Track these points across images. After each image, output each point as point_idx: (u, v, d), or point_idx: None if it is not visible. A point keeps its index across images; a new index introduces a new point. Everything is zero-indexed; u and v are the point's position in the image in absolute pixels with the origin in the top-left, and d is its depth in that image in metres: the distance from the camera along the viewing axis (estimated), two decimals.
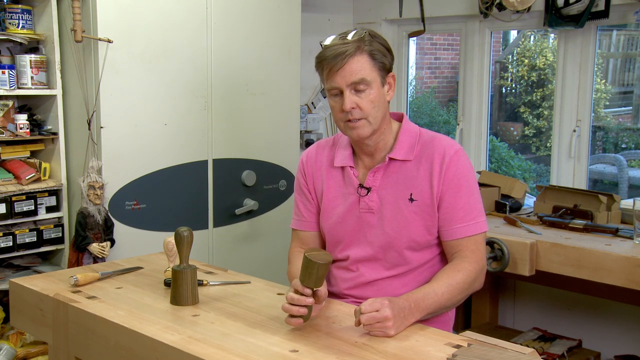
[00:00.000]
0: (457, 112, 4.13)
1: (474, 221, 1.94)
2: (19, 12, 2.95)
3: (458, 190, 1.94)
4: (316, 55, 1.97)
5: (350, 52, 1.88)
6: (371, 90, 1.91)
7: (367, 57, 1.90)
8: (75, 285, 2.05)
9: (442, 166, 1.94)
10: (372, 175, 2.01)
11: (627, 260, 2.62)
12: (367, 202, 2.00)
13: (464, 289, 1.90)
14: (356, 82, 1.89)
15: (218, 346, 1.62)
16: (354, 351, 1.60)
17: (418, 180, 1.96)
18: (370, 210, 2.00)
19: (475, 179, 2.00)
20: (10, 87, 2.90)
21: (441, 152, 1.96)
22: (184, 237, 1.90)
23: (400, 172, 1.99)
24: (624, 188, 4.68)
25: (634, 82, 5.10)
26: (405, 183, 1.98)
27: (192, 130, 3.23)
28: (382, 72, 1.93)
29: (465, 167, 1.96)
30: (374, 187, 2.00)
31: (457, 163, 1.95)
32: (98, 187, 2.89)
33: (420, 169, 1.97)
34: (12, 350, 2.85)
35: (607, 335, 3.40)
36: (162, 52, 3.09)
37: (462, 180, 1.95)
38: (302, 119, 4.08)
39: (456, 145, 1.99)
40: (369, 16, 4.30)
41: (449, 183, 1.94)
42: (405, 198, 1.96)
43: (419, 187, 1.96)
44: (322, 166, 2.11)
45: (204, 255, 3.31)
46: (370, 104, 1.91)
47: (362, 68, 1.89)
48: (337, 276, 2.09)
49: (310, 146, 2.20)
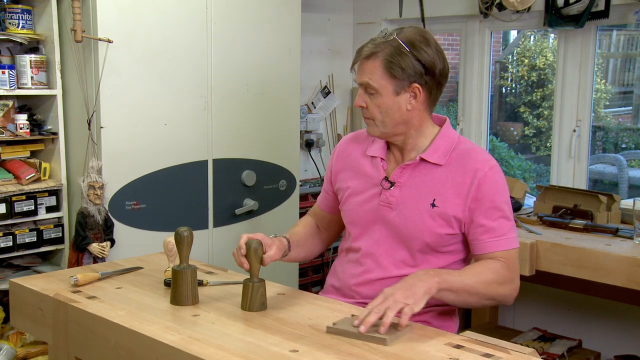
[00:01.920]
0: (457, 112, 4.13)
1: (506, 237, 1.93)
2: (19, 12, 2.95)
3: (491, 207, 1.92)
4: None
5: (365, 55, 1.91)
6: (379, 96, 1.91)
7: (379, 64, 1.89)
8: (75, 285, 2.05)
9: (474, 181, 1.92)
10: (399, 170, 2.00)
11: (627, 260, 2.62)
12: (388, 197, 1.99)
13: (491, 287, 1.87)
14: (363, 85, 1.93)
15: (218, 346, 1.62)
16: (354, 351, 1.59)
17: (445, 187, 1.94)
18: (389, 205, 1.99)
19: (508, 196, 1.98)
20: (10, 87, 2.90)
21: (474, 166, 1.93)
22: (184, 237, 1.90)
23: (428, 174, 1.97)
24: (624, 188, 4.67)
25: (634, 82, 5.10)
26: (431, 187, 1.96)
27: (192, 130, 3.23)
28: (397, 82, 1.89)
29: (500, 185, 1.95)
30: (398, 183, 1.99)
31: (492, 180, 1.93)
32: (98, 187, 2.89)
33: (450, 177, 1.95)
34: (12, 350, 2.85)
35: (607, 335, 3.40)
36: (162, 52, 3.09)
37: (495, 197, 1.92)
38: (302, 119, 4.08)
39: (492, 160, 1.96)
40: (369, 16, 4.30)
41: (482, 200, 1.92)
42: (428, 202, 1.94)
43: (444, 194, 1.94)
44: (353, 156, 2.12)
45: (204, 255, 3.31)
46: (377, 109, 1.93)
47: (371, 74, 1.90)
48: (346, 271, 2.09)
49: (347, 135, 2.22)
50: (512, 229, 1.95)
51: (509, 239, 1.94)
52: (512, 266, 1.93)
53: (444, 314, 2.03)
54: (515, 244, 1.95)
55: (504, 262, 1.92)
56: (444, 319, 2.02)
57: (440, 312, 2.01)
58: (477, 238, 1.94)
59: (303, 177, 4.14)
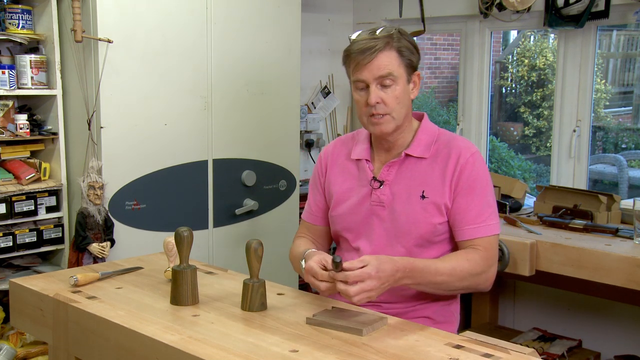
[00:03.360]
0: (457, 112, 4.13)
1: (485, 223, 1.96)
2: (19, 12, 2.95)
3: (470, 192, 1.96)
4: (344, 49, 2.01)
5: (380, 47, 1.92)
6: (397, 86, 1.94)
7: (395, 53, 1.94)
8: (75, 285, 2.05)
9: (457, 167, 1.97)
10: (386, 169, 2.04)
11: (627, 260, 2.62)
12: (379, 196, 2.02)
13: (465, 278, 1.91)
14: (383, 76, 1.93)
15: (218, 346, 1.62)
16: (354, 351, 1.60)
17: (432, 178, 1.99)
18: (381, 204, 2.02)
19: (490, 183, 2.02)
20: (10, 87, 2.90)
21: (457, 153, 1.98)
22: (184, 237, 1.90)
23: (415, 168, 2.01)
24: (624, 188, 4.68)
25: (634, 82, 5.10)
26: (418, 180, 2.00)
27: (192, 130, 3.23)
28: (408, 70, 1.97)
29: (481, 170, 1.98)
30: (387, 181, 2.02)
31: (472, 165, 1.97)
32: (98, 187, 2.89)
33: (435, 167, 1.99)
34: (12, 350, 2.85)
35: (607, 335, 3.40)
36: (162, 52, 3.09)
37: (476, 182, 1.97)
38: (302, 119, 4.08)
39: (473, 147, 2.01)
40: (369, 16, 4.30)
41: (463, 185, 1.96)
42: (417, 194, 1.98)
43: (431, 184, 1.98)
44: (338, 160, 2.15)
45: (204, 255, 3.31)
46: (395, 100, 1.95)
47: (390, 63, 1.93)
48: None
49: (331, 141, 2.25)
50: (492, 215, 1.98)
51: (488, 225, 1.96)
52: (489, 255, 1.96)
53: (445, 306, 2.05)
54: (494, 231, 1.98)
55: (482, 251, 1.94)
56: (444, 313, 2.05)
57: (441, 305, 2.04)
58: (456, 224, 1.98)
59: (303, 177, 4.14)
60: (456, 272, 1.89)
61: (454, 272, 1.89)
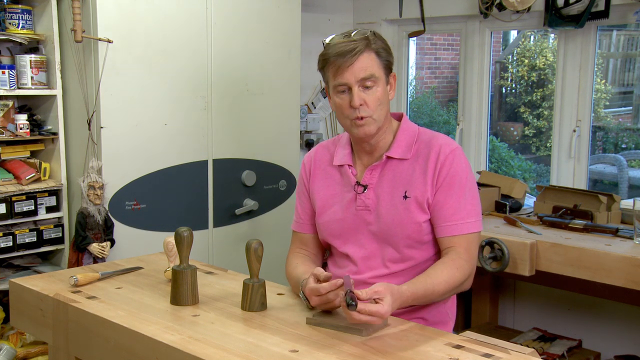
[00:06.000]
0: (457, 112, 4.13)
1: (463, 221, 1.95)
2: (19, 12, 2.95)
3: (449, 188, 1.95)
4: (320, 53, 2.00)
5: (360, 49, 1.91)
6: (378, 88, 1.94)
7: (374, 54, 1.93)
8: (75, 285, 2.05)
9: (437, 163, 1.96)
10: (369, 173, 2.03)
11: (627, 260, 2.62)
12: (364, 200, 2.02)
13: (457, 287, 1.94)
14: (365, 78, 1.92)
15: (218, 346, 1.62)
16: (354, 351, 1.60)
17: (414, 178, 1.98)
18: (366, 208, 2.01)
19: (472, 179, 2.01)
20: (10, 87, 2.90)
21: (437, 150, 1.98)
22: (184, 237, 1.90)
23: (397, 170, 2.01)
24: (624, 188, 4.68)
25: (634, 82, 5.10)
26: (401, 181, 1.99)
27: (192, 130, 3.23)
28: (386, 71, 1.97)
29: (460, 167, 1.97)
30: (370, 185, 2.02)
31: (452, 162, 1.96)
32: (98, 187, 2.89)
33: (417, 167, 1.99)
34: (12, 350, 2.85)
35: (607, 335, 3.40)
36: (162, 52, 3.09)
37: (454, 178, 1.96)
38: (302, 119, 4.08)
39: (453, 144, 2.00)
40: (369, 16, 4.30)
41: (442, 181, 1.96)
42: (400, 195, 1.98)
43: (413, 184, 1.98)
44: (321, 166, 2.14)
45: (204, 255, 3.31)
46: (377, 102, 1.94)
47: (371, 65, 1.92)
48: (337, 276, 2.09)
49: (313, 147, 2.23)
50: (471, 213, 1.97)
51: (466, 223, 1.95)
52: (471, 256, 1.96)
53: (439, 306, 2.05)
54: (475, 228, 1.97)
55: (464, 253, 1.94)
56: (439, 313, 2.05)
57: (435, 306, 2.04)
58: (435, 220, 1.97)
59: None
60: (450, 284, 1.90)
61: (448, 285, 1.89)
